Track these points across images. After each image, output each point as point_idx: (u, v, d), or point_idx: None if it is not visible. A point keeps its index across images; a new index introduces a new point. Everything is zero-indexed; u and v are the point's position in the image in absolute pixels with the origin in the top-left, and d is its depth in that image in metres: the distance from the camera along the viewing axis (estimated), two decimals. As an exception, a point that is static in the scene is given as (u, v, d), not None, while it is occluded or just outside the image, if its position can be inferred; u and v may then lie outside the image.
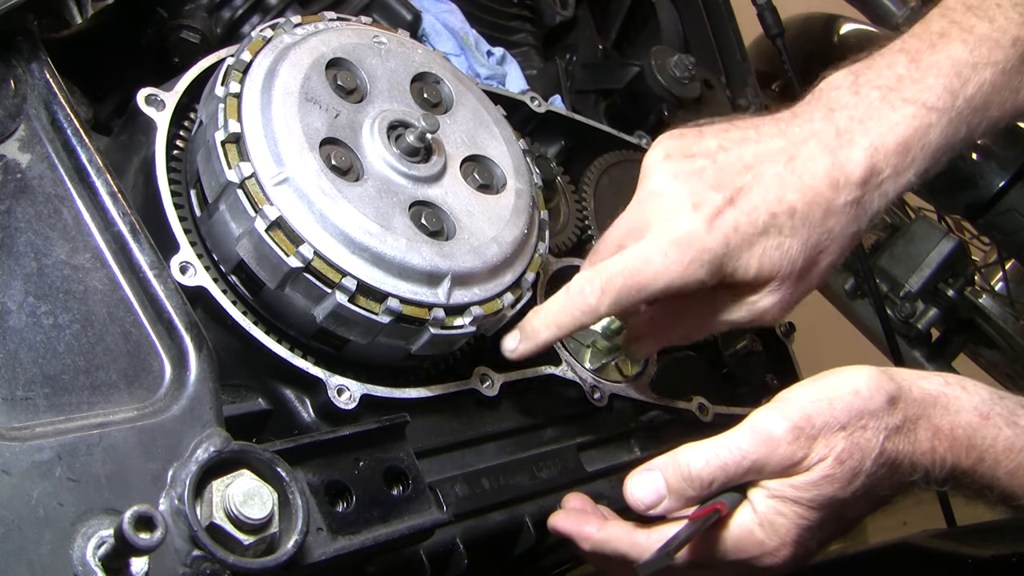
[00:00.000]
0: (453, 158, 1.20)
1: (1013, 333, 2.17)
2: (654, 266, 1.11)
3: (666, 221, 1.12)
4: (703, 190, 1.11)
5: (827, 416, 1.00)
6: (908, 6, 2.34)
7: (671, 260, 1.10)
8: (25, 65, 1.04)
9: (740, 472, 1.01)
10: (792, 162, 1.12)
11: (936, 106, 1.12)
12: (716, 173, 1.12)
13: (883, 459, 1.00)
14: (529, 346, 1.20)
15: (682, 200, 1.11)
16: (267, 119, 1.09)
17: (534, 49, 1.76)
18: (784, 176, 1.11)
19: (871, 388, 1.00)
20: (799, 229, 1.11)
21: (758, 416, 1.02)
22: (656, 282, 1.11)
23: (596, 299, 1.14)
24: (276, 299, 1.11)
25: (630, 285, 1.12)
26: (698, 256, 1.10)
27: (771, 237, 1.11)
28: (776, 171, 1.12)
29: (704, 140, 1.16)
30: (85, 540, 0.84)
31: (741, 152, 1.14)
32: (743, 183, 1.11)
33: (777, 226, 1.11)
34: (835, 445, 0.99)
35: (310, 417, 1.13)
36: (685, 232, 1.10)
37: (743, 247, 1.11)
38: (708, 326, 1.22)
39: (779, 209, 1.11)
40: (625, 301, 1.13)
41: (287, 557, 0.90)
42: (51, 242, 0.98)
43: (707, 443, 1.03)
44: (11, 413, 0.88)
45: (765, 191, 1.11)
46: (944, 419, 1.02)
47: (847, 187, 1.11)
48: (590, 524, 1.12)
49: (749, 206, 1.11)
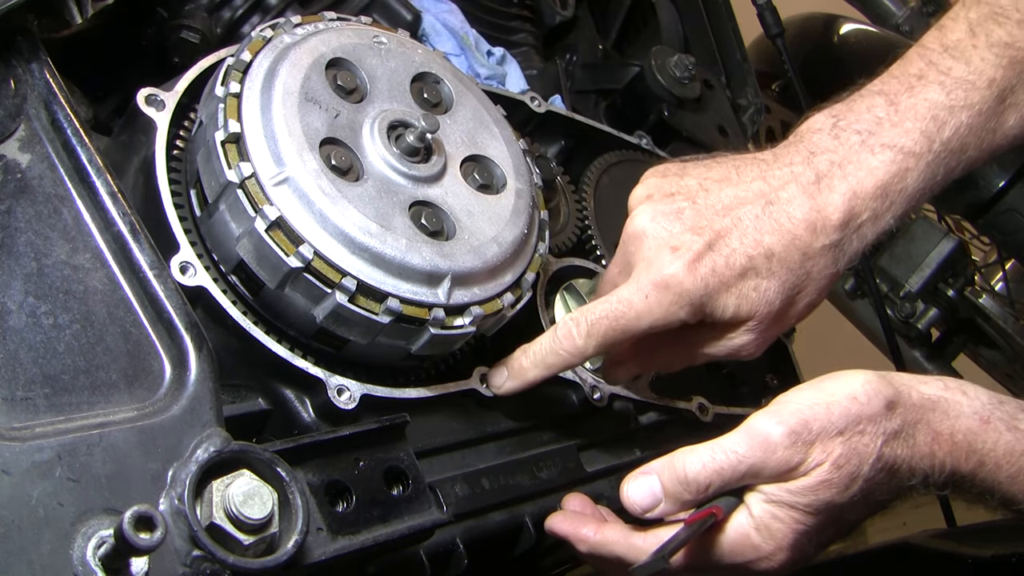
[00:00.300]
0: (453, 158, 1.20)
1: (1013, 333, 2.17)
2: (636, 308, 1.15)
3: (647, 264, 1.15)
4: (682, 232, 1.14)
5: (824, 421, 1.00)
6: (908, 6, 2.35)
7: (652, 302, 1.14)
8: (25, 65, 1.04)
9: (736, 476, 1.01)
10: (771, 205, 1.14)
11: (913, 151, 1.14)
12: (695, 215, 1.15)
13: (881, 464, 1.00)
14: (516, 384, 1.22)
15: (662, 243, 1.14)
16: (267, 119, 1.09)
17: (534, 49, 1.76)
18: (762, 219, 1.14)
19: (869, 393, 1.01)
20: (777, 272, 1.14)
21: (755, 420, 1.02)
22: (639, 323, 1.15)
23: (583, 341, 1.17)
24: (276, 299, 1.11)
25: (615, 327, 1.16)
26: (678, 299, 1.14)
27: (749, 279, 1.14)
28: (755, 214, 1.14)
29: (685, 179, 1.19)
30: (85, 540, 0.84)
31: (721, 194, 1.16)
32: (721, 226, 1.14)
33: (755, 268, 1.14)
34: (832, 450, 0.99)
35: (310, 417, 1.13)
36: (665, 276, 1.13)
37: (721, 289, 1.14)
38: (687, 358, 1.26)
39: (756, 252, 1.13)
40: (610, 342, 1.17)
41: (287, 557, 0.90)
42: (51, 242, 0.98)
43: (703, 447, 1.03)
44: (11, 413, 0.88)
45: (743, 234, 1.14)
46: (944, 424, 1.01)
47: (825, 231, 1.13)
48: (587, 526, 1.13)
49: (727, 249, 1.13)
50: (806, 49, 2.29)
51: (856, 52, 2.31)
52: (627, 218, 1.21)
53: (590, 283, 1.43)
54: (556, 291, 1.41)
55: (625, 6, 1.96)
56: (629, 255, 1.18)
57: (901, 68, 1.20)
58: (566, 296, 1.41)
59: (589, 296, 1.40)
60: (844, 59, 2.31)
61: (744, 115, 1.88)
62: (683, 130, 1.71)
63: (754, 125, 1.89)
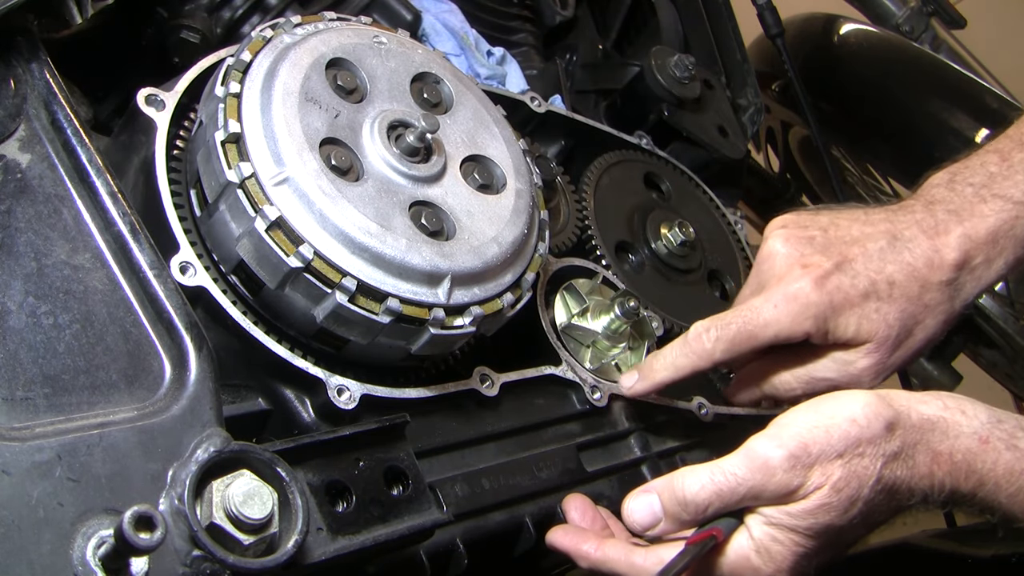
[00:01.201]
0: (453, 158, 1.20)
1: (1013, 333, 2.17)
2: (765, 316, 1.23)
3: (778, 279, 1.25)
4: (812, 253, 1.25)
5: (823, 444, 1.00)
6: (908, 6, 2.35)
7: (780, 312, 1.23)
8: (25, 65, 1.04)
9: (736, 499, 1.02)
10: (895, 241, 1.25)
11: (1022, 200, 1.24)
12: (825, 242, 1.26)
13: (880, 486, 1.01)
14: (646, 385, 1.32)
15: (792, 261, 1.25)
16: (267, 119, 1.09)
17: (534, 49, 1.76)
18: (886, 251, 1.24)
19: (868, 416, 1.01)
20: (897, 298, 1.23)
21: (754, 443, 1.02)
22: (766, 331, 1.23)
23: (712, 345, 1.26)
24: (276, 299, 1.12)
25: (742, 332, 1.24)
26: (804, 310, 1.22)
27: (871, 301, 1.23)
28: (880, 246, 1.25)
29: (819, 217, 1.30)
30: (85, 540, 0.84)
31: (850, 228, 1.27)
32: (849, 252, 1.25)
33: (877, 292, 1.23)
34: (832, 473, 1.00)
35: (310, 417, 1.13)
36: (794, 289, 1.23)
37: (845, 307, 1.23)
38: (809, 383, 1.29)
39: (879, 278, 1.23)
40: (738, 348, 1.25)
41: (287, 557, 0.90)
42: (51, 242, 0.98)
43: (703, 468, 1.03)
44: (11, 413, 0.88)
45: (868, 261, 1.24)
46: (943, 444, 1.02)
47: (942, 268, 1.24)
48: (588, 542, 1.13)
49: (852, 272, 1.23)
50: (806, 49, 2.29)
51: (856, 52, 2.32)
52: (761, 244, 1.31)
53: (590, 283, 1.43)
54: (556, 291, 1.41)
55: (625, 6, 1.96)
56: (762, 274, 1.28)
57: (1015, 129, 1.31)
58: (566, 296, 1.41)
59: (589, 296, 1.40)
60: (844, 59, 2.31)
61: (744, 115, 1.89)
62: (683, 130, 1.71)
63: (754, 125, 1.89)
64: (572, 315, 1.39)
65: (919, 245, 1.24)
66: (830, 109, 2.26)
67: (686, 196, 1.68)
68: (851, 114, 2.28)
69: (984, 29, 2.61)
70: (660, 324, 1.47)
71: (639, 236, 1.56)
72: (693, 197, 1.69)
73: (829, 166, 2.12)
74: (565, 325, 1.39)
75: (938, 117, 2.14)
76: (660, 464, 1.39)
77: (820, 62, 2.30)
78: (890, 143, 2.25)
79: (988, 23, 2.95)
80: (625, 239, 1.54)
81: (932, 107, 2.16)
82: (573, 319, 1.39)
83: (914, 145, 2.18)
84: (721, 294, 1.62)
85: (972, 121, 2.12)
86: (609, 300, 1.39)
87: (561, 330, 1.38)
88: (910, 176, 2.28)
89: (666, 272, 1.56)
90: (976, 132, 2.10)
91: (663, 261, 1.56)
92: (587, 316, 1.39)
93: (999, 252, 1.24)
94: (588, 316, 1.39)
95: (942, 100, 2.17)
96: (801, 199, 2.63)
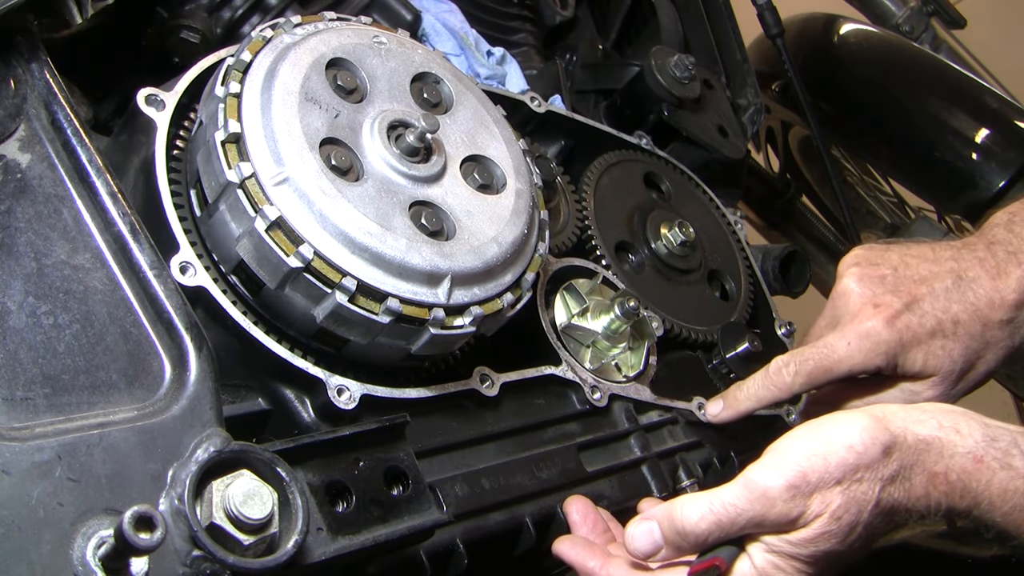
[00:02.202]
0: (453, 158, 1.20)
1: (1013, 333, 2.17)
2: (839, 353, 1.31)
3: (852, 317, 1.32)
4: (884, 293, 1.32)
5: (822, 472, 1.01)
6: (908, 6, 2.35)
7: (854, 349, 1.30)
8: (25, 65, 1.04)
9: (736, 529, 1.03)
10: (960, 281, 1.32)
11: None
12: (896, 281, 1.33)
13: (879, 509, 1.02)
14: (731, 413, 1.42)
15: (865, 300, 1.32)
16: (267, 119, 1.09)
17: (534, 49, 1.76)
18: (952, 291, 1.31)
19: (866, 442, 1.01)
20: (961, 336, 1.30)
21: (753, 473, 1.02)
22: (841, 366, 1.31)
23: (791, 379, 1.34)
24: (276, 299, 1.11)
25: (820, 367, 1.32)
26: (876, 347, 1.29)
27: (937, 339, 1.30)
28: (946, 286, 1.31)
29: (889, 253, 1.37)
30: (85, 540, 0.84)
31: (919, 267, 1.34)
32: (918, 292, 1.31)
33: (943, 331, 1.30)
34: (831, 501, 1.00)
35: (310, 417, 1.13)
36: (867, 327, 1.30)
37: (914, 344, 1.30)
38: None
39: (945, 317, 1.30)
40: (815, 381, 1.34)
41: (287, 557, 0.90)
42: (51, 242, 0.98)
43: (702, 498, 1.03)
44: (11, 413, 0.88)
45: (935, 301, 1.31)
46: (939, 464, 1.03)
47: (1003, 308, 1.30)
48: (594, 559, 1.14)
49: (921, 311, 1.30)
50: (806, 49, 2.29)
51: (856, 52, 2.32)
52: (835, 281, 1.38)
53: (590, 283, 1.43)
54: (556, 291, 1.41)
55: (625, 6, 1.96)
56: (836, 310, 1.35)
57: None
58: (566, 296, 1.41)
59: (589, 296, 1.40)
60: (844, 59, 2.31)
61: (744, 115, 1.89)
62: (683, 130, 1.71)
63: (754, 125, 1.89)
64: (572, 315, 1.39)
65: (982, 286, 1.31)
66: (830, 109, 2.26)
67: (686, 196, 1.68)
68: (851, 114, 2.28)
69: (984, 29, 2.62)
70: (660, 324, 1.47)
71: (639, 236, 1.56)
72: (693, 197, 1.69)
73: (829, 166, 2.12)
74: (565, 325, 1.39)
75: (938, 117, 2.15)
76: (660, 464, 1.39)
77: (820, 62, 2.30)
78: (890, 143, 2.25)
79: (988, 23, 2.95)
80: (625, 239, 1.54)
81: (932, 107, 2.17)
82: (573, 319, 1.39)
83: (914, 145, 2.18)
84: (721, 294, 1.62)
85: (972, 121, 2.12)
86: (609, 300, 1.39)
87: (561, 330, 1.38)
88: (910, 176, 2.29)
89: (666, 272, 1.56)
90: (976, 132, 2.10)
91: (663, 261, 1.56)
92: (587, 316, 1.39)
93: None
94: (588, 316, 1.39)
95: (942, 100, 2.17)
96: (801, 199, 2.63)
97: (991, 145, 2.07)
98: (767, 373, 1.37)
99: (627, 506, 1.29)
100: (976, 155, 2.08)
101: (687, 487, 1.39)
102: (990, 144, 2.07)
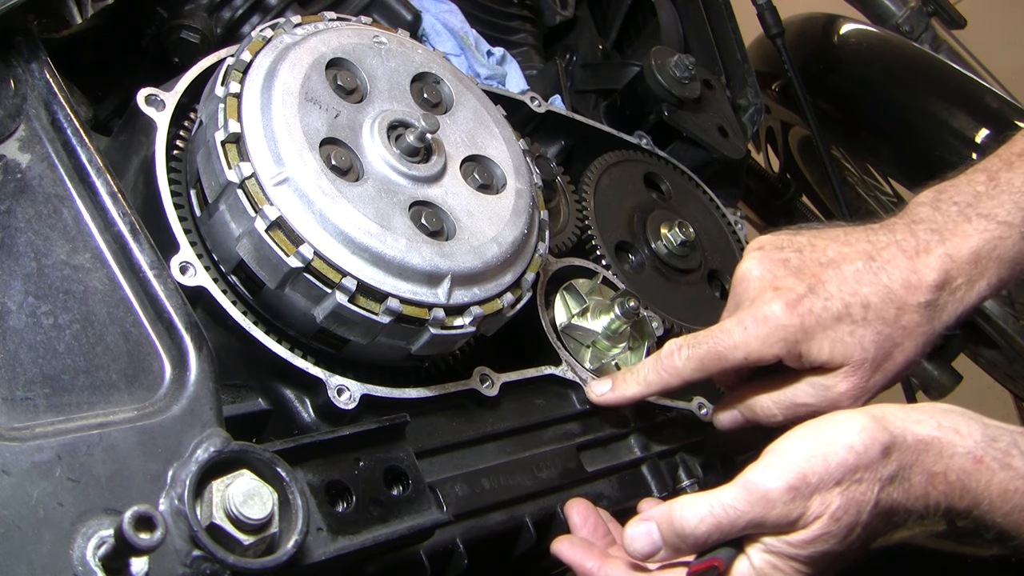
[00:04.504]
0: (453, 158, 1.20)
1: (1013, 333, 2.17)
2: (734, 338, 1.21)
3: (750, 301, 1.23)
4: (785, 276, 1.22)
5: (822, 473, 1.00)
6: (908, 6, 2.35)
7: (750, 334, 1.21)
8: (25, 65, 1.04)
9: (735, 530, 1.02)
10: (872, 261, 1.22)
11: (1007, 220, 1.21)
12: (800, 264, 1.23)
13: (878, 510, 1.01)
14: (616, 396, 1.31)
15: (766, 284, 1.22)
16: (267, 119, 1.09)
17: (534, 49, 1.76)
18: (862, 273, 1.21)
19: (866, 442, 1.01)
20: (872, 321, 1.20)
21: (753, 475, 1.02)
22: (735, 353, 1.22)
23: (683, 363, 1.25)
24: (276, 299, 1.12)
25: (712, 353, 1.23)
26: (774, 333, 1.20)
27: (844, 324, 1.20)
28: (856, 267, 1.21)
29: (798, 236, 1.28)
30: (85, 540, 0.84)
31: (827, 249, 1.24)
32: (823, 275, 1.21)
33: (851, 315, 1.20)
34: (831, 502, 1.00)
35: (310, 417, 1.13)
36: (764, 312, 1.20)
37: (818, 330, 1.20)
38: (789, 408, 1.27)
39: (854, 300, 1.20)
40: (708, 368, 1.24)
41: (287, 557, 0.90)
42: (51, 242, 0.98)
43: (702, 499, 1.03)
44: (11, 413, 0.88)
45: (843, 283, 1.21)
46: (938, 464, 1.02)
47: (920, 290, 1.20)
48: (592, 560, 1.14)
49: (826, 294, 1.20)
50: (806, 49, 2.29)
51: (856, 52, 2.32)
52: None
53: (590, 283, 1.43)
54: (556, 291, 1.41)
55: (625, 6, 1.96)
56: (737, 296, 1.26)
57: (1005, 148, 1.28)
58: (566, 296, 1.41)
59: (589, 296, 1.40)
60: (844, 59, 2.31)
61: (744, 115, 1.88)
62: (683, 130, 1.71)
63: (754, 125, 1.89)
64: (572, 315, 1.39)
65: (897, 266, 1.21)
66: (830, 109, 2.26)
67: (686, 196, 1.68)
68: (851, 114, 2.28)
69: (984, 29, 2.61)
70: (660, 324, 1.47)
71: (639, 236, 1.56)
72: (693, 197, 1.69)
73: (829, 166, 2.12)
74: (565, 325, 1.39)
75: (938, 117, 2.14)
76: (660, 464, 1.39)
77: (820, 62, 2.30)
78: (890, 143, 2.25)
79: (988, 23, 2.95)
80: (625, 239, 1.54)
81: (932, 107, 2.16)
82: (573, 319, 1.39)
83: (914, 145, 2.18)
84: (721, 294, 1.62)
85: (972, 121, 2.12)
86: (609, 300, 1.39)
87: (561, 330, 1.38)
88: (910, 176, 2.29)
89: (666, 272, 1.56)
90: (976, 132, 2.10)
91: (663, 261, 1.56)
92: (587, 316, 1.39)
93: (981, 273, 1.21)
94: (588, 316, 1.39)
95: (942, 100, 2.17)
96: (801, 199, 2.63)
97: (991, 145, 2.06)
98: (659, 356, 1.27)
99: (627, 506, 1.29)
100: (976, 155, 2.07)
101: (687, 487, 1.39)
102: (990, 144, 2.06)
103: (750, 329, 1.20)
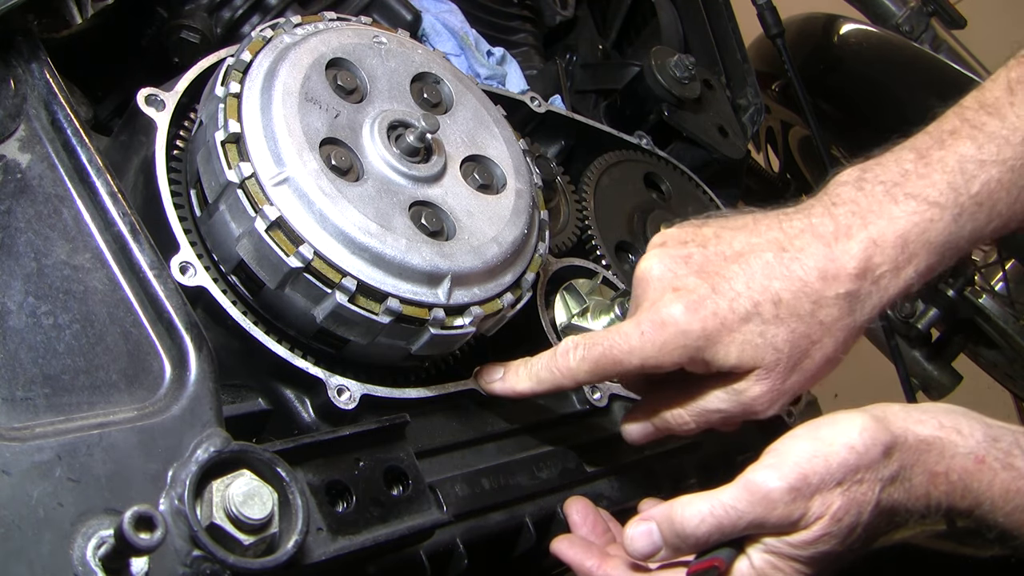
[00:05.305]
0: (453, 158, 1.20)
1: (1013, 333, 2.17)
2: (631, 343, 1.12)
3: (649, 303, 1.13)
4: (687, 276, 1.12)
5: (823, 473, 0.99)
6: (908, 6, 2.35)
7: (647, 340, 1.11)
8: (25, 65, 1.04)
9: (736, 531, 1.02)
10: (784, 252, 1.11)
11: (939, 202, 1.11)
12: (703, 260, 1.13)
13: (879, 510, 1.01)
14: (504, 387, 1.21)
15: (666, 285, 1.12)
16: (267, 119, 1.09)
17: (534, 49, 1.76)
18: (773, 265, 1.11)
19: (867, 442, 1.00)
20: (785, 319, 1.10)
21: (754, 475, 1.01)
22: (632, 358, 1.12)
23: (576, 364, 1.15)
24: (276, 299, 1.12)
25: (608, 356, 1.13)
26: (674, 339, 1.10)
27: (753, 325, 1.10)
28: (765, 260, 1.11)
29: (704, 228, 1.17)
30: (85, 540, 0.84)
31: (734, 241, 1.14)
32: (729, 271, 1.11)
33: (760, 314, 1.10)
34: (832, 503, 0.99)
35: (310, 417, 1.13)
36: (662, 316, 1.11)
37: (723, 333, 1.10)
38: (702, 416, 1.19)
39: (763, 298, 1.10)
40: (603, 372, 1.15)
41: (287, 557, 0.90)
42: (51, 242, 0.98)
43: (702, 499, 1.02)
44: (11, 413, 0.88)
45: (750, 279, 1.11)
46: (939, 464, 1.01)
47: (839, 280, 1.10)
48: (591, 559, 1.13)
49: (732, 293, 1.10)
50: (806, 49, 2.29)
51: (856, 52, 2.32)
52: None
53: (590, 283, 1.43)
54: (556, 291, 1.41)
55: (625, 6, 1.96)
56: (637, 297, 1.16)
57: (935, 125, 1.18)
58: (566, 296, 1.41)
59: (589, 296, 1.40)
60: (844, 59, 2.31)
61: (744, 115, 1.88)
62: (683, 130, 1.71)
63: (754, 125, 1.89)
64: (572, 315, 1.39)
65: (811, 255, 1.10)
66: (830, 109, 2.25)
67: (686, 196, 1.68)
68: (851, 114, 2.28)
69: (984, 29, 2.61)
70: (660, 324, 1.47)
71: (639, 236, 1.56)
72: (693, 197, 1.69)
73: (829, 166, 2.12)
74: (565, 325, 1.39)
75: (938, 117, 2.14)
76: (660, 464, 1.39)
77: (820, 62, 2.30)
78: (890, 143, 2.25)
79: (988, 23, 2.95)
80: (625, 239, 1.54)
81: (932, 107, 2.16)
82: (573, 319, 1.39)
83: (914, 145, 2.18)
84: (721, 294, 1.62)
85: (972, 121, 2.11)
86: (609, 300, 1.39)
87: (561, 330, 1.38)
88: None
89: (666, 272, 1.55)
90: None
91: (663, 261, 1.55)
92: (587, 316, 1.39)
93: (908, 259, 1.10)
94: (588, 316, 1.39)
95: (942, 100, 2.16)
96: (801, 199, 2.63)
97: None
98: (554, 353, 1.18)
99: (627, 506, 1.29)
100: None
101: (687, 487, 1.39)
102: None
103: (647, 335, 1.11)
